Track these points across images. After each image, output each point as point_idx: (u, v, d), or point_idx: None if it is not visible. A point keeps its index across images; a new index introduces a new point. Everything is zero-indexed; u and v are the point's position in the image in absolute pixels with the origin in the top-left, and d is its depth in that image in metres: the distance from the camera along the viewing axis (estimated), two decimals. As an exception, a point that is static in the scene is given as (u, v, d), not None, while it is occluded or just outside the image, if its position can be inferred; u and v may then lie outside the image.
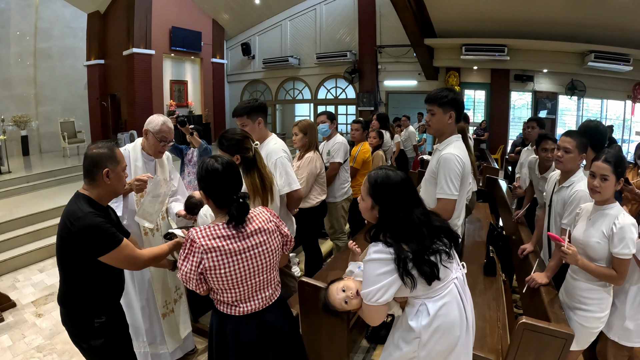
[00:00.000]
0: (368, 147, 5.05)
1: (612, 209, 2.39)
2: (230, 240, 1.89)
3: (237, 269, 1.91)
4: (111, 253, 2.01)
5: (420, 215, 1.76)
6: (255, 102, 3.22)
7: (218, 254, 1.86)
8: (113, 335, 2.22)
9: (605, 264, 2.38)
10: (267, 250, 2.00)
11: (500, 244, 4.31)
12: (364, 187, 1.83)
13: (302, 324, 2.83)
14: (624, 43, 10.27)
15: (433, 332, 1.74)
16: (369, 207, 1.81)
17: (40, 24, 13.38)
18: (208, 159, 1.98)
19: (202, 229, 1.89)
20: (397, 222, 1.74)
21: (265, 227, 2.00)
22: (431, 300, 1.74)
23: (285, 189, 3.07)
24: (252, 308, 2.02)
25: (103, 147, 2.12)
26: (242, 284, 1.95)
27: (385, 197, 1.77)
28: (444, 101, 2.72)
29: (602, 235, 2.36)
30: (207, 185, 1.96)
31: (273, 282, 2.11)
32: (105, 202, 2.19)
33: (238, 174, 2.02)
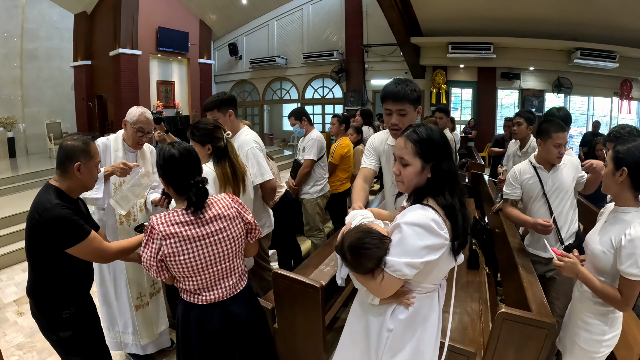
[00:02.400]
0: (347, 143, 4.98)
1: (629, 213, 1.92)
2: (189, 227, 1.87)
3: (197, 256, 1.89)
4: (78, 245, 1.99)
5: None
6: (224, 95, 3.20)
7: (176, 240, 1.85)
8: (82, 327, 2.20)
9: (610, 280, 1.97)
10: (228, 237, 1.97)
11: (484, 237, 4.29)
12: (405, 151, 1.63)
13: (278, 319, 2.79)
14: (609, 40, 10.33)
15: (408, 329, 1.67)
16: (419, 171, 1.62)
17: (27, 25, 13.30)
18: (165, 146, 1.97)
19: (162, 215, 1.89)
20: (454, 177, 1.64)
21: (226, 213, 1.97)
22: (419, 294, 1.68)
23: (258, 179, 3.04)
24: (214, 297, 2.00)
25: (78, 140, 2.10)
26: (203, 272, 1.93)
27: (437, 152, 1.62)
28: (416, 97, 2.35)
29: (609, 244, 1.93)
30: (165, 172, 1.95)
31: (237, 271, 2.08)
32: (75, 194, 2.17)
33: (196, 160, 1.99)
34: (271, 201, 3.36)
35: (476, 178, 6.81)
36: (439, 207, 1.56)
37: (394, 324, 1.66)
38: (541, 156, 2.97)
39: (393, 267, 1.52)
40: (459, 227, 1.57)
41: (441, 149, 1.62)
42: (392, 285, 1.58)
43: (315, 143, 4.58)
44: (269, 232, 3.41)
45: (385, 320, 1.67)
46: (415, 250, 1.49)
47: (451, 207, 1.57)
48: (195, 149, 2.66)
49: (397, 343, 1.66)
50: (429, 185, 1.62)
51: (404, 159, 1.64)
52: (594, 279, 1.99)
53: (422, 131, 1.63)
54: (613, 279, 1.96)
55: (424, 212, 1.54)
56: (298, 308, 2.60)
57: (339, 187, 4.96)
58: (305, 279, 2.48)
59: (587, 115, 12.78)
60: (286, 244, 4.34)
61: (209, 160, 2.68)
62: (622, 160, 1.89)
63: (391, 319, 1.66)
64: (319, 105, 16.17)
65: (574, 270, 2.03)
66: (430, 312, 1.71)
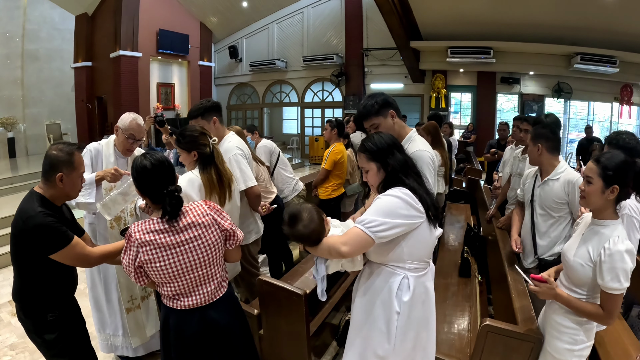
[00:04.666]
0: (340, 149, 4.95)
1: (608, 227, 1.91)
2: (164, 234, 1.90)
3: (173, 263, 1.91)
4: (61, 252, 2.00)
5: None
6: (207, 102, 3.19)
7: (152, 248, 1.88)
8: (66, 329, 2.21)
9: (590, 292, 1.95)
10: (204, 245, 1.98)
11: (477, 244, 4.27)
12: (362, 161, 1.98)
13: (263, 325, 2.78)
14: (610, 45, 10.30)
15: (412, 311, 1.85)
16: (376, 171, 1.93)
17: (28, 26, 13.39)
18: (137, 157, 1.99)
19: (140, 223, 1.92)
20: (404, 166, 1.91)
21: (200, 220, 1.98)
22: (413, 274, 1.85)
23: (241, 186, 3.03)
24: (193, 303, 2.01)
25: (63, 150, 2.10)
26: (180, 278, 1.95)
27: (381, 153, 1.92)
28: (377, 108, 2.48)
29: (587, 257, 1.91)
30: (139, 183, 1.98)
31: (215, 278, 2.08)
32: (58, 202, 2.18)
33: (168, 170, 2.00)
34: (259, 207, 3.33)
35: (472, 184, 6.82)
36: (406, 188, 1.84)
37: (400, 306, 1.83)
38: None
39: (366, 222, 1.74)
40: (426, 201, 1.84)
41: (384, 150, 1.93)
42: (358, 239, 1.74)
43: (262, 150, 4.69)
44: (258, 238, 3.40)
45: (392, 304, 1.84)
46: (390, 213, 1.75)
47: (412, 188, 1.84)
48: (181, 155, 2.70)
49: (406, 324, 1.85)
50: (387, 180, 1.90)
51: (364, 167, 1.99)
52: (572, 300, 1.96)
53: (367, 142, 1.98)
54: (592, 292, 1.95)
55: (396, 189, 1.82)
56: (283, 315, 2.60)
57: (332, 193, 4.95)
58: (289, 286, 2.47)
59: (587, 121, 12.74)
60: (277, 250, 4.32)
61: (195, 166, 2.68)
62: (612, 178, 1.86)
63: (397, 301, 1.83)
64: (318, 109, 16.15)
65: (551, 294, 1.99)
66: (428, 296, 1.92)
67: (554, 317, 2.08)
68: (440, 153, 4.68)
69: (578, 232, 2.11)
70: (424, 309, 1.90)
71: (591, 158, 2.01)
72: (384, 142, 1.95)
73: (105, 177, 2.75)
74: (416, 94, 13.92)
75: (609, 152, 1.99)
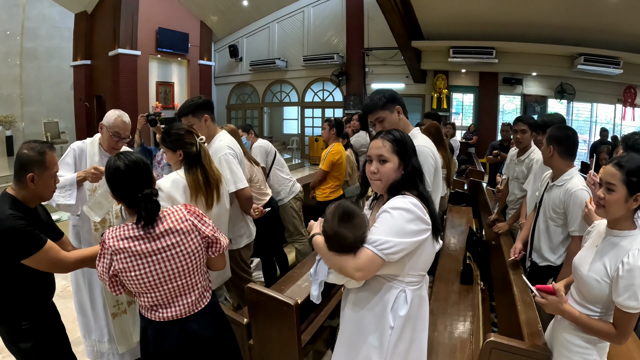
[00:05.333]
0: (339, 149, 4.80)
1: (626, 238, 1.71)
2: (139, 242, 1.76)
3: (149, 272, 1.78)
4: (33, 257, 1.90)
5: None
6: (199, 99, 3.08)
7: (126, 256, 1.75)
8: (43, 338, 2.12)
9: (601, 309, 1.77)
10: (182, 253, 1.83)
11: (479, 249, 4.12)
12: (384, 149, 1.77)
13: (253, 334, 2.66)
14: (614, 46, 10.21)
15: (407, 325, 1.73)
16: (396, 167, 1.76)
17: (27, 24, 13.33)
18: (110, 158, 1.85)
19: (115, 228, 1.79)
20: (421, 172, 1.81)
21: (178, 227, 1.83)
22: (411, 287, 1.73)
23: (231, 187, 2.91)
24: (172, 315, 1.88)
25: (34, 149, 2.01)
26: (158, 288, 1.82)
27: (408, 150, 1.79)
28: (384, 101, 2.49)
29: (604, 272, 1.71)
30: (112, 186, 1.84)
31: (196, 288, 1.94)
32: (32, 204, 2.08)
33: (144, 172, 1.85)
34: (251, 210, 3.20)
35: (474, 186, 6.71)
36: (416, 196, 1.70)
37: (395, 320, 1.70)
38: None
39: (380, 245, 1.58)
40: (435, 212, 1.74)
41: (411, 149, 1.81)
42: (374, 264, 1.60)
43: (258, 150, 4.54)
44: (249, 242, 3.27)
45: (386, 318, 1.71)
46: (403, 231, 1.60)
47: (426, 198, 1.73)
48: (167, 155, 2.58)
49: (399, 338, 1.72)
50: (403, 180, 1.75)
51: (383, 156, 1.76)
52: (581, 317, 1.78)
53: (395, 133, 1.82)
54: (607, 309, 1.76)
55: (405, 198, 1.67)
56: (273, 325, 2.47)
57: (329, 195, 4.80)
58: (280, 295, 2.34)
59: (590, 122, 12.63)
60: (271, 253, 4.19)
61: (181, 166, 2.56)
62: (638, 185, 1.66)
63: (392, 316, 1.70)
64: (318, 109, 16.05)
65: (558, 308, 1.83)
66: (422, 304, 1.81)
67: (564, 334, 1.89)
68: (442, 154, 4.53)
69: (591, 243, 1.91)
70: (418, 322, 1.79)
71: (604, 162, 1.83)
72: (410, 141, 1.83)
73: (86, 177, 2.65)
74: (417, 94, 13.81)
75: (629, 155, 1.76)
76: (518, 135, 3.98)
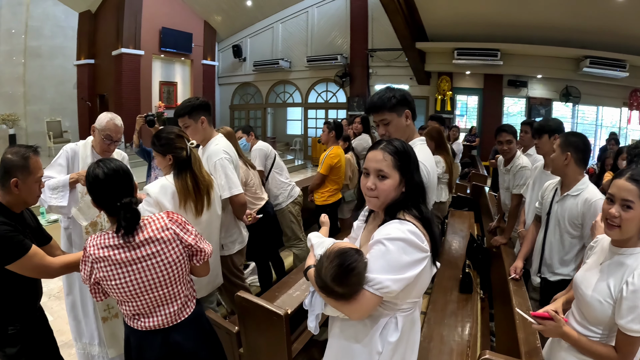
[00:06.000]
0: (337, 152, 4.73)
1: (632, 256, 1.60)
2: (119, 250, 1.74)
3: (130, 281, 1.76)
4: (17, 262, 1.88)
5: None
6: (196, 99, 3.02)
7: (107, 264, 1.74)
8: (29, 343, 2.11)
9: (603, 331, 1.67)
10: (163, 263, 1.79)
11: (480, 257, 4.03)
12: (384, 163, 1.54)
13: (243, 343, 2.61)
14: (620, 49, 10.09)
15: (396, 351, 1.56)
16: (397, 184, 1.54)
17: (31, 23, 13.37)
18: (90, 166, 1.81)
19: (96, 236, 1.77)
20: (424, 189, 1.62)
21: (159, 235, 1.79)
22: (403, 313, 1.55)
23: (225, 193, 2.85)
24: (154, 324, 1.86)
25: (18, 154, 2.00)
26: (139, 297, 1.80)
27: (411, 164, 1.59)
28: (394, 103, 2.24)
29: (607, 293, 1.61)
30: (92, 194, 1.80)
31: (179, 298, 1.90)
32: (17, 209, 2.07)
33: (124, 179, 1.81)
34: (244, 216, 3.14)
35: (477, 190, 6.61)
36: (416, 220, 1.50)
37: (383, 346, 1.54)
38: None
39: (377, 285, 1.41)
40: (436, 237, 1.54)
41: (415, 162, 1.60)
42: (372, 304, 1.45)
43: (257, 153, 4.43)
44: (242, 248, 3.21)
45: (374, 344, 1.55)
46: (401, 266, 1.41)
47: (428, 219, 1.53)
48: (156, 159, 2.52)
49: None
50: (404, 199, 1.56)
51: (382, 172, 1.54)
52: (581, 340, 1.68)
53: (398, 144, 1.58)
54: (610, 331, 1.66)
55: (403, 226, 1.46)
56: (262, 334, 2.41)
57: (328, 199, 4.73)
58: (269, 305, 2.28)
59: (596, 126, 12.50)
60: (267, 258, 4.12)
61: (170, 171, 2.50)
62: None
63: (380, 341, 1.54)
64: (322, 110, 15.99)
65: (558, 332, 1.73)
66: (413, 327, 1.63)
67: (562, 353, 1.80)
68: (444, 159, 4.49)
69: (594, 261, 1.79)
70: (408, 347, 1.62)
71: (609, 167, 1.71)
72: (413, 153, 1.62)
73: (79, 180, 2.63)
74: (421, 96, 13.69)
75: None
76: (504, 146, 3.90)
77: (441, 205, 4.60)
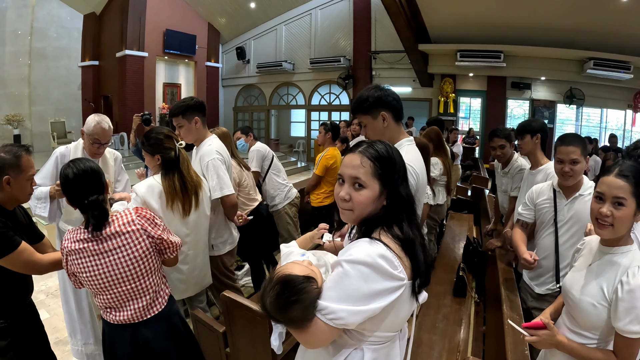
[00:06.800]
0: (333, 153, 4.72)
1: (624, 254, 1.53)
2: (89, 244, 1.84)
3: (99, 274, 1.85)
4: (6, 258, 1.93)
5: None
6: (191, 99, 3.02)
7: (78, 257, 1.85)
8: (19, 338, 2.13)
9: (599, 336, 1.58)
10: (130, 257, 1.87)
11: (476, 260, 3.98)
12: (362, 170, 1.28)
13: (229, 343, 2.58)
14: (624, 50, 10.03)
15: None
16: (376, 196, 1.29)
17: (36, 24, 13.47)
18: (63, 166, 1.90)
19: (71, 230, 1.89)
20: (411, 204, 1.33)
21: (125, 230, 1.87)
22: (372, 346, 1.30)
23: (217, 193, 2.84)
24: (124, 318, 1.94)
25: (10, 152, 2.04)
26: (108, 291, 1.89)
27: (396, 173, 1.32)
28: (367, 105, 2.12)
29: (600, 295, 1.53)
30: (65, 193, 1.90)
31: (148, 293, 1.96)
32: (9, 206, 2.10)
33: (92, 179, 1.88)
34: (235, 217, 3.13)
35: (477, 192, 6.57)
36: (394, 241, 1.24)
37: None
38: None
39: (330, 314, 1.17)
40: (420, 263, 1.25)
41: (400, 170, 1.33)
42: (328, 335, 1.21)
43: (255, 154, 4.45)
44: (232, 248, 3.20)
45: None
46: (360, 296, 1.16)
47: (410, 240, 1.26)
48: (146, 158, 2.53)
49: None
50: (384, 214, 1.29)
51: (359, 180, 1.28)
52: (577, 348, 1.59)
53: (381, 148, 1.31)
54: (606, 335, 1.57)
55: (372, 247, 1.20)
56: (247, 334, 2.40)
57: (323, 200, 4.72)
58: (253, 305, 2.26)
59: (600, 128, 12.42)
60: (260, 259, 4.12)
61: (159, 171, 2.51)
62: None
63: None
64: (325, 112, 16.00)
65: (552, 342, 1.61)
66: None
67: (558, 357, 1.72)
68: (442, 161, 4.45)
69: (582, 263, 1.72)
70: None
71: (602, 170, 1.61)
72: (400, 159, 1.36)
73: (54, 195, 2.68)
74: (424, 98, 13.67)
75: (626, 163, 1.57)
76: (497, 151, 3.82)
77: (439, 208, 4.57)
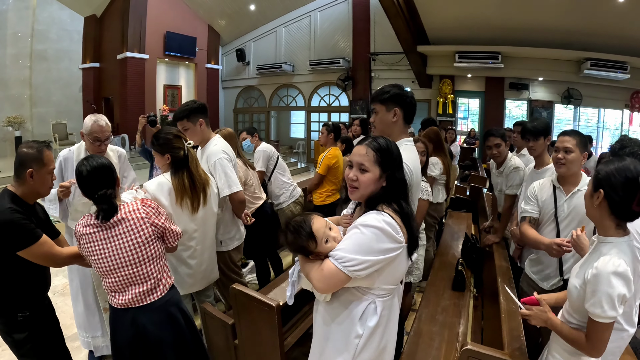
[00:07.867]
0: (335, 153, 4.81)
1: (608, 244, 1.66)
2: (97, 229, 1.99)
3: (104, 257, 1.99)
4: (28, 249, 2.03)
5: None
6: (194, 103, 3.11)
7: (87, 241, 2.00)
8: (37, 330, 2.23)
9: (580, 318, 1.72)
10: (133, 242, 2.01)
11: (474, 256, 4.09)
12: (366, 158, 1.67)
13: (238, 335, 2.67)
14: (621, 50, 10.09)
15: (375, 335, 1.67)
16: (376, 178, 1.67)
17: (37, 26, 13.53)
18: (79, 163, 2.05)
19: (85, 216, 2.04)
20: (405, 186, 1.72)
21: (130, 217, 2.01)
22: (381, 298, 1.67)
23: (225, 191, 2.94)
24: (124, 301, 2.05)
25: (33, 147, 2.16)
26: (112, 274, 2.02)
27: (393, 162, 1.70)
28: (385, 97, 2.35)
29: (583, 279, 1.65)
30: (81, 187, 2.05)
31: (149, 280, 2.08)
32: (30, 200, 2.22)
33: (105, 175, 2.03)
34: (242, 214, 3.22)
35: (475, 191, 6.66)
36: (394, 214, 1.61)
37: (363, 329, 1.66)
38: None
39: (341, 259, 1.53)
40: (414, 232, 1.66)
41: (397, 160, 1.72)
42: (335, 278, 1.55)
43: (260, 154, 4.56)
44: (239, 244, 3.29)
45: (353, 327, 1.66)
46: (369, 250, 1.53)
47: (407, 214, 1.64)
48: (155, 158, 2.62)
49: (366, 346, 1.67)
50: (384, 193, 1.67)
51: (364, 165, 1.67)
52: (561, 325, 1.74)
53: (382, 142, 1.71)
54: (585, 318, 1.68)
55: (379, 216, 1.58)
56: (256, 326, 2.48)
57: (326, 199, 4.81)
58: (262, 296, 2.36)
59: (598, 128, 12.49)
60: (264, 256, 4.20)
61: (168, 170, 2.60)
62: (599, 182, 1.64)
63: (360, 325, 1.66)
64: (325, 113, 16.08)
65: (542, 318, 1.78)
66: (391, 314, 1.73)
67: (553, 344, 1.85)
68: (442, 160, 4.54)
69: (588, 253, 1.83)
70: (387, 331, 1.72)
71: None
72: (397, 151, 1.73)
73: (59, 195, 2.76)
74: (423, 99, 13.73)
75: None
76: (493, 150, 3.89)
77: (438, 206, 4.66)
